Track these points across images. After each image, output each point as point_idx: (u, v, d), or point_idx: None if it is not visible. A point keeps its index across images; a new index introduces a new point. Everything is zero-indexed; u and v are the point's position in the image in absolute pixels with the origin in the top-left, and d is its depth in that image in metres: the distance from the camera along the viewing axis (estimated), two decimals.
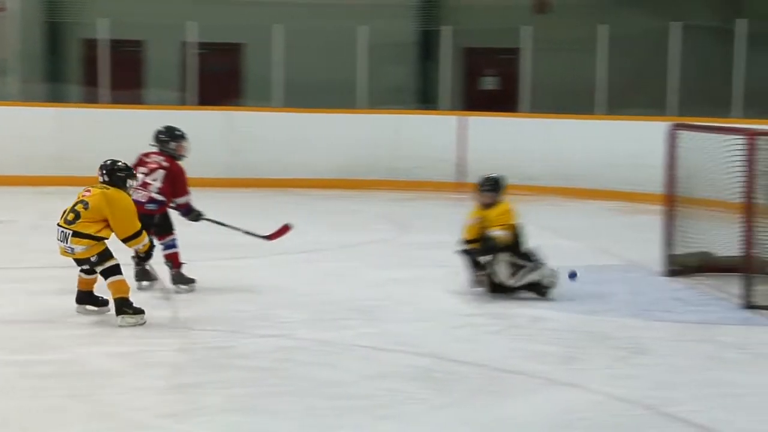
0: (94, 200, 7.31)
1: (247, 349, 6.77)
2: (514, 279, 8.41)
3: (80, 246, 7.28)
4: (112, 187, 7.43)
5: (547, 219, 13.33)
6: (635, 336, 7.32)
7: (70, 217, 7.31)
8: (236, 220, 9.33)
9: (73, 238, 7.26)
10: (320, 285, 8.85)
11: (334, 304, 8.14)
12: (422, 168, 16.44)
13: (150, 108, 16.80)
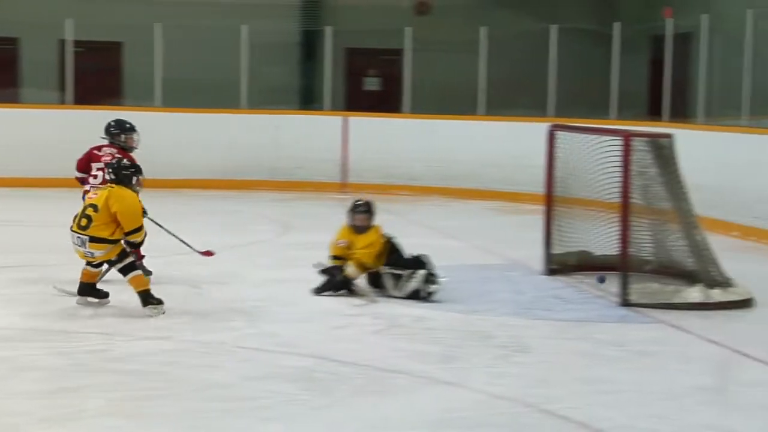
0: (101, 201, 7.70)
1: (127, 352, 6.67)
2: (397, 290, 8.46)
3: (100, 250, 7.69)
4: (118, 185, 7.83)
5: (431, 219, 13.47)
6: (516, 334, 7.42)
7: (83, 223, 7.67)
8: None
9: (90, 243, 7.66)
10: (202, 286, 8.77)
11: (217, 306, 8.08)
12: (304, 168, 16.42)
13: (26, 107, 16.47)
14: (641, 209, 8.82)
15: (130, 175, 7.92)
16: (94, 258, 7.76)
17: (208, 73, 18.22)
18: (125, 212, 7.69)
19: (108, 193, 7.73)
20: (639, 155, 8.67)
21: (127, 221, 7.70)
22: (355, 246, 8.55)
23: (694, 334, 7.58)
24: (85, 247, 7.68)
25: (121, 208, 7.67)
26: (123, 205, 7.69)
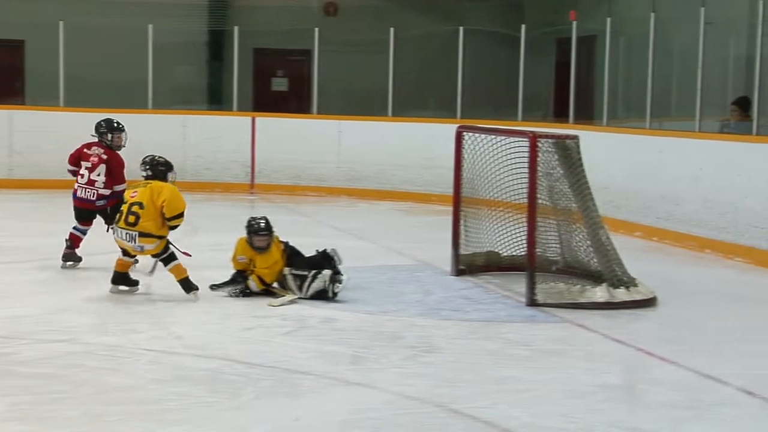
0: (145, 197, 8.25)
1: (29, 356, 6.56)
2: (302, 291, 8.44)
3: (149, 245, 8.28)
4: (155, 180, 8.42)
5: (339, 220, 13.46)
6: (425, 335, 7.45)
7: (131, 220, 8.23)
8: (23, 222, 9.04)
9: (140, 238, 8.24)
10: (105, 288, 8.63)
11: (121, 308, 7.98)
12: (212, 169, 16.30)
13: None
14: (548, 210, 8.93)
15: (165, 171, 8.50)
16: (143, 252, 8.35)
17: (114, 73, 17.97)
18: (171, 199, 8.28)
19: (149, 190, 8.30)
20: (545, 156, 8.78)
21: (171, 208, 8.27)
22: (256, 264, 8.49)
23: (600, 333, 7.68)
24: (135, 242, 8.25)
25: (166, 196, 8.26)
26: (167, 194, 8.28)
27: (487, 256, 9.90)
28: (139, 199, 8.27)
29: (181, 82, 19.21)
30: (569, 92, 15.14)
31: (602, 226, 8.90)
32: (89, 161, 9.59)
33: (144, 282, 8.66)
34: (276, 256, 8.54)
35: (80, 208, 9.66)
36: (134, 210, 8.24)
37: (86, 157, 9.62)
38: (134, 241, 8.25)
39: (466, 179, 9.93)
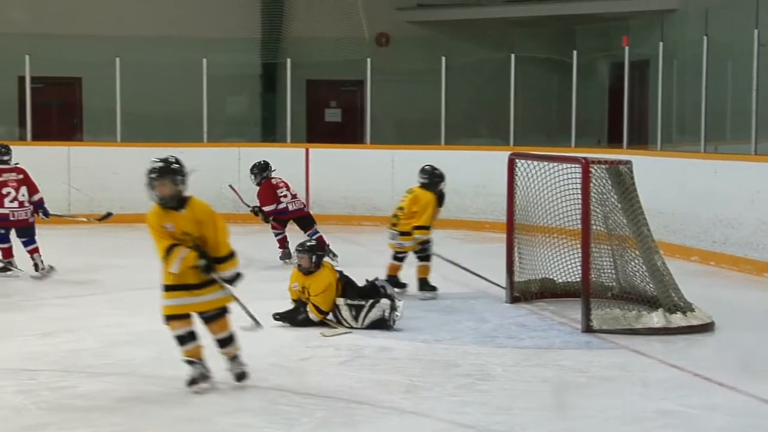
0: (406, 202, 9.93)
1: (88, 389, 6.64)
2: (358, 321, 8.47)
3: (407, 241, 9.87)
4: (423, 188, 9.96)
5: None
6: (479, 363, 7.44)
7: (394, 221, 9.94)
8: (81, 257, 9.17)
9: (400, 236, 9.86)
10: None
11: None
12: None
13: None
14: (602, 235, 8.91)
15: (438, 182, 10.04)
16: (403, 249, 9.89)
17: (169, 107, 18.21)
18: (422, 210, 9.82)
19: (412, 197, 9.90)
20: (598, 182, 8.76)
21: (421, 218, 9.76)
22: (310, 291, 8.55)
23: (656, 358, 7.63)
24: (396, 240, 9.85)
25: (421, 207, 9.83)
26: (422, 205, 9.84)
27: (541, 283, 9.89)
28: (403, 204, 9.94)
29: (235, 115, 19.43)
30: (623, 117, 15.10)
31: (657, 251, 8.86)
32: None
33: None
34: (327, 280, 8.56)
35: None
36: (396, 212, 9.92)
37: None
38: (395, 239, 9.90)
39: (519, 206, 9.93)
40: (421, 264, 10.11)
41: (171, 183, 6.43)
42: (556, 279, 9.87)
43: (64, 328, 8.51)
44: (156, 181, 6.44)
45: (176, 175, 6.47)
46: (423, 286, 10.06)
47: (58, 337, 8.16)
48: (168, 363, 7.31)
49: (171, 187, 6.44)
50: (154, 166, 6.50)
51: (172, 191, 6.45)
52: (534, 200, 9.89)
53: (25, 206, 11.02)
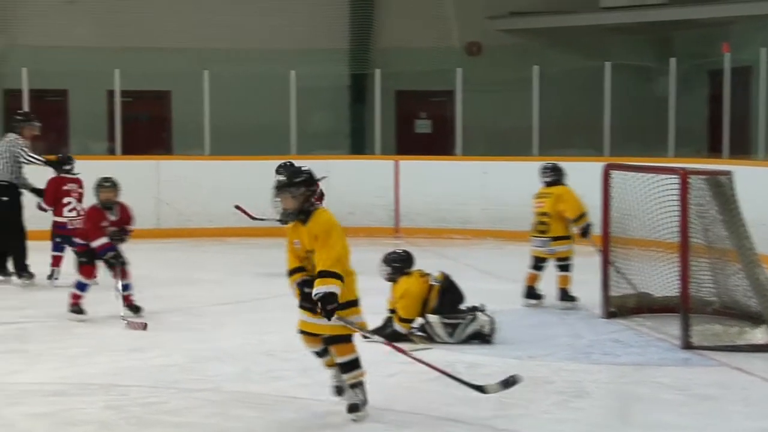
0: (549, 207, 10.09)
1: (176, 405, 6.71)
2: (453, 337, 8.45)
3: (561, 246, 10.07)
4: (555, 185, 10.22)
5: (485, 262, 13.43)
6: (574, 380, 7.37)
7: (542, 228, 10.09)
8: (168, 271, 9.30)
9: (552, 242, 10.04)
10: (249, 336, 8.81)
11: (265, 356, 8.10)
12: (354, 214, 16.44)
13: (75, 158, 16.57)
14: (701, 248, 8.77)
15: (564, 176, 10.40)
16: (554, 254, 10.04)
17: (257, 120, 18.39)
18: (570, 201, 10.04)
19: (553, 198, 10.08)
20: (697, 193, 8.63)
21: (572, 209, 9.97)
22: (393, 295, 8.61)
23: (759, 376, 7.48)
24: (547, 247, 10.01)
25: (568, 203, 10.02)
26: (568, 200, 10.04)
27: (638, 298, 9.76)
28: (545, 210, 10.09)
29: (323, 127, 19.52)
30: (723, 126, 14.84)
31: (759, 264, 8.69)
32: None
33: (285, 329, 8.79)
34: (404, 286, 8.58)
35: None
36: (543, 220, 10.08)
37: None
38: (545, 246, 10.11)
39: (614, 218, 9.83)
40: (563, 274, 10.18)
41: (290, 196, 6.29)
42: (654, 293, 9.73)
43: (151, 343, 8.61)
44: (276, 195, 6.37)
45: (292, 187, 6.29)
46: (564, 297, 10.14)
47: (146, 353, 8.26)
48: (254, 379, 7.38)
49: (291, 200, 6.29)
50: (275, 180, 6.40)
51: (293, 204, 6.29)
52: (630, 212, 9.77)
53: (81, 215, 11.24)
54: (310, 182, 6.34)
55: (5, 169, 11.61)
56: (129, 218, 9.70)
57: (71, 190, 11.55)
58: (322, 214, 6.29)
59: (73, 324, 9.12)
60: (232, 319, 9.62)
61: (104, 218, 9.49)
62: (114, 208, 9.59)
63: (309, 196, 6.29)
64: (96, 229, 9.42)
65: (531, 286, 10.27)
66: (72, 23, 19.23)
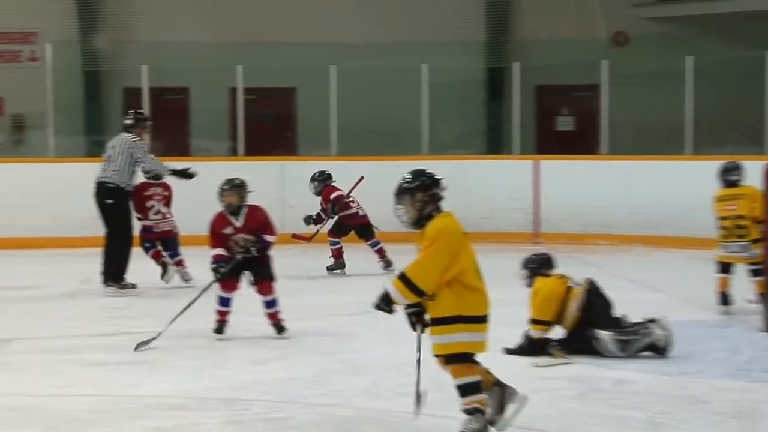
0: (745, 208, 10.13)
1: (301, 420, 6.76)
2: (625, 352, 8.36)
3: (758, 250, 9.90)
4: (739, 185, 10.43)
5: (633, 271, 13.27)
6: (732, 399, 7.23)
7: (741, 232, 10.14)
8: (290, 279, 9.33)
9: (753, 245, 10.01)
10: (379, 348, 8.84)
11: (395, 369, 8.11)
12: (491, 218, 16.39)
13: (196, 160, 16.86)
14: None
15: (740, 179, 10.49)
16: (753, 259, 9.98)
17: (386, 118, 18.49)
18: (759, 201, 9.85)
19: (748, 195, 10.15)
20: None
21: (761, 210, 9.79)
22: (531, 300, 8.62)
23: None
24: (748, 252, 10.05)
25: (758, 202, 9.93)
26: (758, 198, 9.93)
27: None
28: (740, 212, 10.15)
29: (457, 125, 19.51)
30: None
31: None
32: None
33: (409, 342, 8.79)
34: (537, 285, 8.58)
35: None
36: (742, 223, 10.10)
37: None
38: (746, 250, 10.06)
39: None
40: (759, 279, 9.98)
41: (408, 203, 6.31)
42: None
43: (274, 355, 8.71)
44: (396, 202, 6.38)
45: (406, 194, 6.31)
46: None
47: (268, 365, 8.36)
48: (383, 394, 7.39)
49: (410, 207, 6.31)
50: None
51: (412, 211, 6.31)
52: None
53: (167, 218, 12.30)
54: (426, 186, 6.31)
55: (120, 170, 11.85)
56: (259, 224, 9.27)
57: (154, 194, 12.24)
58: (437, 221, 6.25)
59: (191, 335, 9.24)
60: (360, 330, 9.66)
61: (227, 225, 9.26)
62: (240, 213, 9.30)
63: (428, 201, 6.26)
64: (214, 237, 9.23)
65: (724, 292, 10.31)
66: (193, 18, 19.61)
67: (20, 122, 20.11)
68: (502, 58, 19.87)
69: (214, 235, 9.27)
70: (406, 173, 6.43)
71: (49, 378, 8.00)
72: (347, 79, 17.24)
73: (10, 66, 20.01)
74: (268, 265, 9.27)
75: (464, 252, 6.15)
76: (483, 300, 6.22)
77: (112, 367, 8.32)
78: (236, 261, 9.14)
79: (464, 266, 6.12)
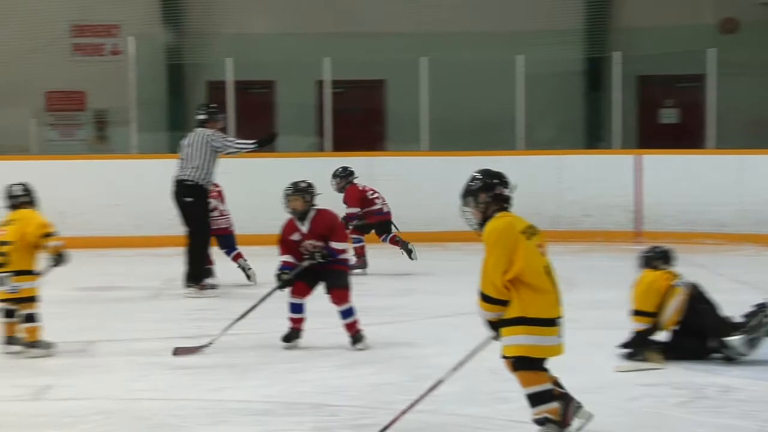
0: None
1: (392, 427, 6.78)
2: (755, 349, 8.29)
3: None
4: None
5: (743, 271, 13.13)
6: None
7: None
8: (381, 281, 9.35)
9: None
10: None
11: (491, 374, 8.10)
12: (591, 216, 16.31)
13: (282, 156, 16.99)
14: None
15: None
16: None
17: (479, 112, 18.46)
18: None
19: None
20: None
21: None
22: None
23: None
24: None
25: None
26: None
27: None
28: None
29: (554, 118, 19.41)
30: None
31: None
32: None
33: None
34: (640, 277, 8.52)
35: None
36: None
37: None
38: None
39: None
40: None
41: (472, 205, 6.37)
42: None
43: (363, 359, 8.75)
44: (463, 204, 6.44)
45: (469, 196, 6.37)
46: None
47: (357, 370, 8.40)
48: (479, 400, 7.39)
49: (474, 211, 6.37)
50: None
51: (477, 214, 6.36)
52: None
53: (225, 215, 12.68)
54: (490, 187, 6.36)
55: (198, 167, 11.96)
56: (325, 230, 9.07)
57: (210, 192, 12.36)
58: (491, 223, 6.27)
59: (277, 338, 9.29)
60: (452, 333, 9.65)
61: (294, 231, 9.14)
62: (307, 218, 9.13)
63: (491, 202, 6.30)
64: (282, 243, 9.13)
65: None
66: (279, 8, 19.75)
67: (103, 118, 20.39)
68: (602, 47, 19.72)
69: (282, 242, 9.18)
70: (473, 173, 6.46)
71: (135, 381, 8.14)
72: (439, 70, 17.25)
73: (93, 60, 20.31)
74: (340, 273, 9.08)
75: (522, 251, 6.13)
76: (550, 302, 6.18)
77: (197, 371, 8.42)
78: (301, 268, 9.04)
79: (523, 266, 6.09)
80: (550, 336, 6.15)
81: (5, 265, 8.78)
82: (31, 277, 8.86)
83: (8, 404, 7.51)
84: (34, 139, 19.04)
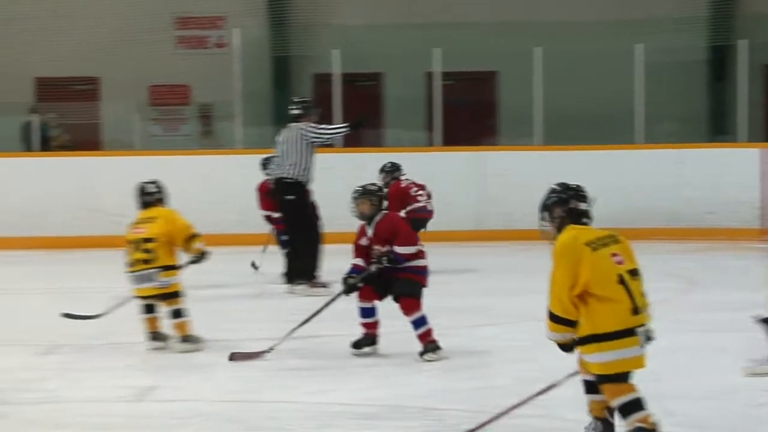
0: None
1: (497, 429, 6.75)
2: None
3: None
4: None
5: None
6: None
7: None
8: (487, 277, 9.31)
9: None
10: None
11: None
12: (714, 213, 16.08)
13: (389, 151, 16.98)
14: None
15: None
16: None
17: (596, 104, 18.29)
18: None
19: None
20: None
21: None
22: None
23: None
24: None
25: None
26: None
27: None
28: None
29: (675, 110, 19.17)
30: None
31: None
32: None
33: None
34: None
35: None
36: None
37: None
38: None
39: None
40: None
41: (548, 219, 6.41)
42: None
43: (469, 362, 8.72)
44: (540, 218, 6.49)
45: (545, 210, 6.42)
46: None
47: (464, 373, 8.38)
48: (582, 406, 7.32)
49: (551, 225, 6.41)
50: None
51: (552, 228, 6.38)
52: None
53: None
54: (564, 201, 6.36)
55: (296, 163, 12.03)
56: (388, 234, 8.86)
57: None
58: (559, 238, 6.26)
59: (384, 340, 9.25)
60: None
61: (363, 235, 9.00)
62: (373, 222, 8.96)
63: (565, 217, 6.30)
64: (355, 247, 9.01)
65: None
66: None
67: (208, 112, 20.60)
68: (727, 35, 19.45)
69: (355, 246, 9.07)
70: (552, 186, 6.46)
71: (234, 383, 8.21)
72: (553, 61, 17.15)
73: (197, 52, 20.54)
74: (407, 281, 8.79)
75: (587, 263, 6.05)
76: (621, 312, 6.05)
77: (297, 373, 8.45)
78: (368, 273, 8.87)
79: (589, 278, 6.03)
80: (626, 348, 6.07)
81: (151, 261, 9.12)
82: (177, 272, 9.29)
83: (112, 405, 7.63)
84: (138, 134, 19.26)
